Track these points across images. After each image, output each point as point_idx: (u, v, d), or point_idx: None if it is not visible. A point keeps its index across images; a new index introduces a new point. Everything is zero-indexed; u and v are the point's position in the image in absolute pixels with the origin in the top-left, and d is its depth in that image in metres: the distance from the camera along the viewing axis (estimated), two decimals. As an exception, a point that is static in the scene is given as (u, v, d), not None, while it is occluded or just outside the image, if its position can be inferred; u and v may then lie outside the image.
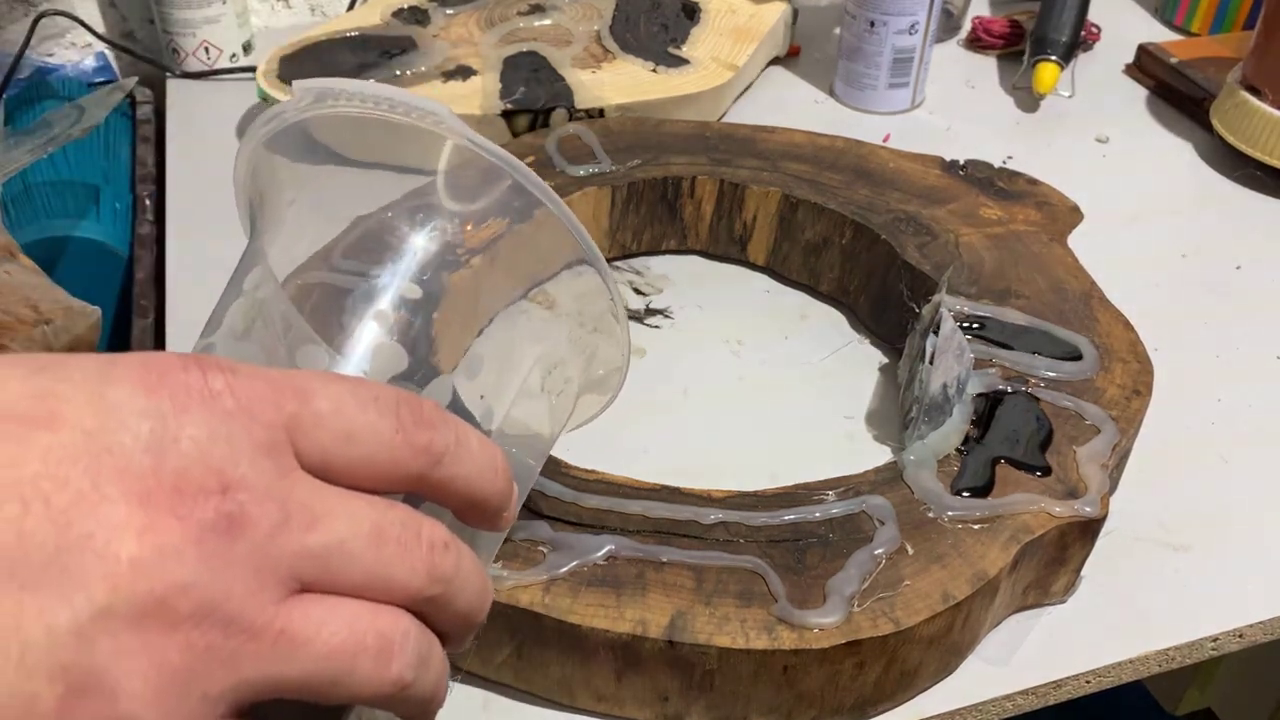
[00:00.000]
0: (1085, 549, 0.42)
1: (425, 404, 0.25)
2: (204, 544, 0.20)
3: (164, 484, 0.20)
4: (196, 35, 0.75)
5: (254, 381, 0.22)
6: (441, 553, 0.24)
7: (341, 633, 0.22)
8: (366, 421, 0.23)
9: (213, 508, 0.20)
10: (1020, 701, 0.41)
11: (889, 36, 0.71)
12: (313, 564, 0.22)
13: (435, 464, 0.24)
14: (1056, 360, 0.47)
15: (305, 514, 0.22)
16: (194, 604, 0.20)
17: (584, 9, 0.76)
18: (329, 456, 0.23)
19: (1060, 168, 0.65)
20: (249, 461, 0.21)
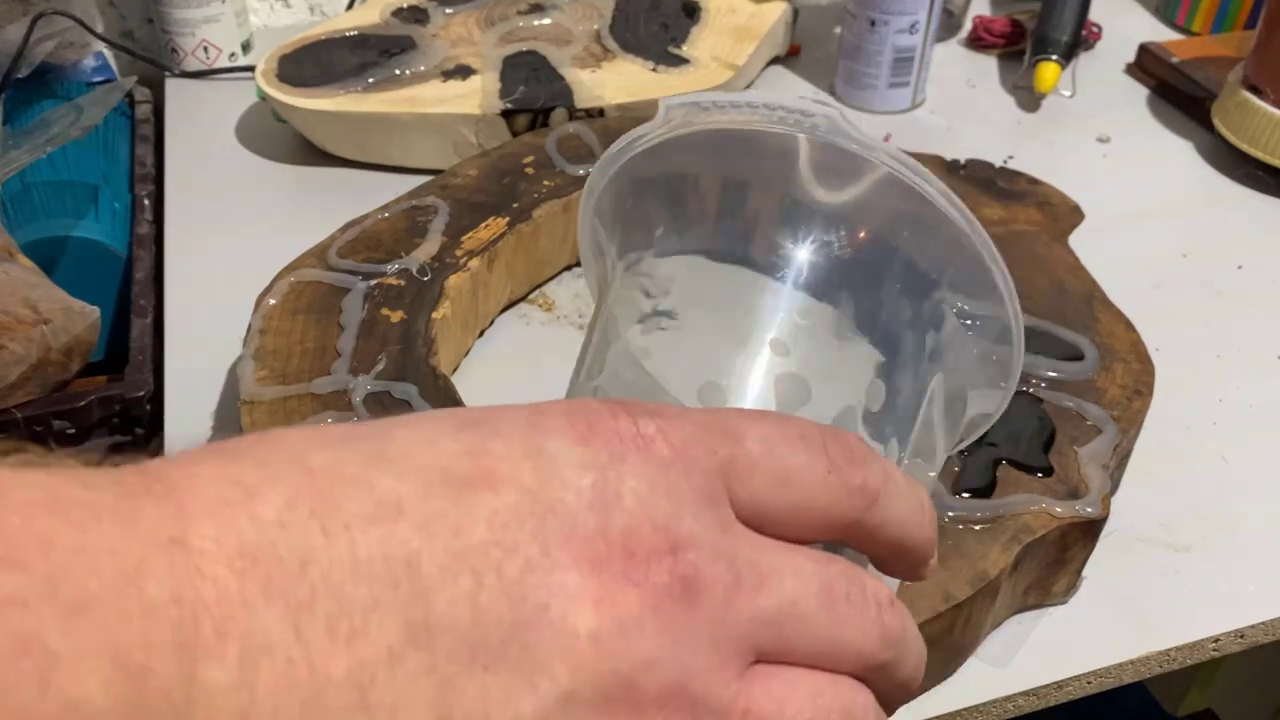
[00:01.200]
0: (1086, 549, 0.42)
1: (850, 438, 0.22)
2: (662, 613, 0.18)
3: (613, 546, 0.19)
4: (195, 34, 0.75)
5: (684, 425, 0.20)
6: (890, 611, 0.22)
7: (806, 711, 0.20)
8: (800, 463, 0.21)
9: (666, 570, 0.19)
10: (1021, 702, 0.40)
11: (889, 36, 0.71)
12: (768, 630, 0.20)
13: (870, 506, 0.22)
14: (1058, 360, 0.47)
15: (754, 573, 0.20)
16: (660, 684, 0.18)
17: (584, 9, 0.76)
18: (764, 503, 0.21)
19: (1061, 168, 0.65)
20: (693, 515, 0.19)
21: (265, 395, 0.44)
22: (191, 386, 0.52)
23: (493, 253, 0.53)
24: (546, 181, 0.58)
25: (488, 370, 0.54)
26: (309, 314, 0.49)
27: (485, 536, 0.18)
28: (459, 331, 0.52)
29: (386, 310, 0.49)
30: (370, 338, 0.47)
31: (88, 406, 0.52)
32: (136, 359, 0.55)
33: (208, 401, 0.51)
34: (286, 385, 0.45)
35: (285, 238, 0.55)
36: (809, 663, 0.20)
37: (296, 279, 0.51)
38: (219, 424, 0.50)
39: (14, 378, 0.52)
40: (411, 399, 0.44)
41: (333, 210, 0.57)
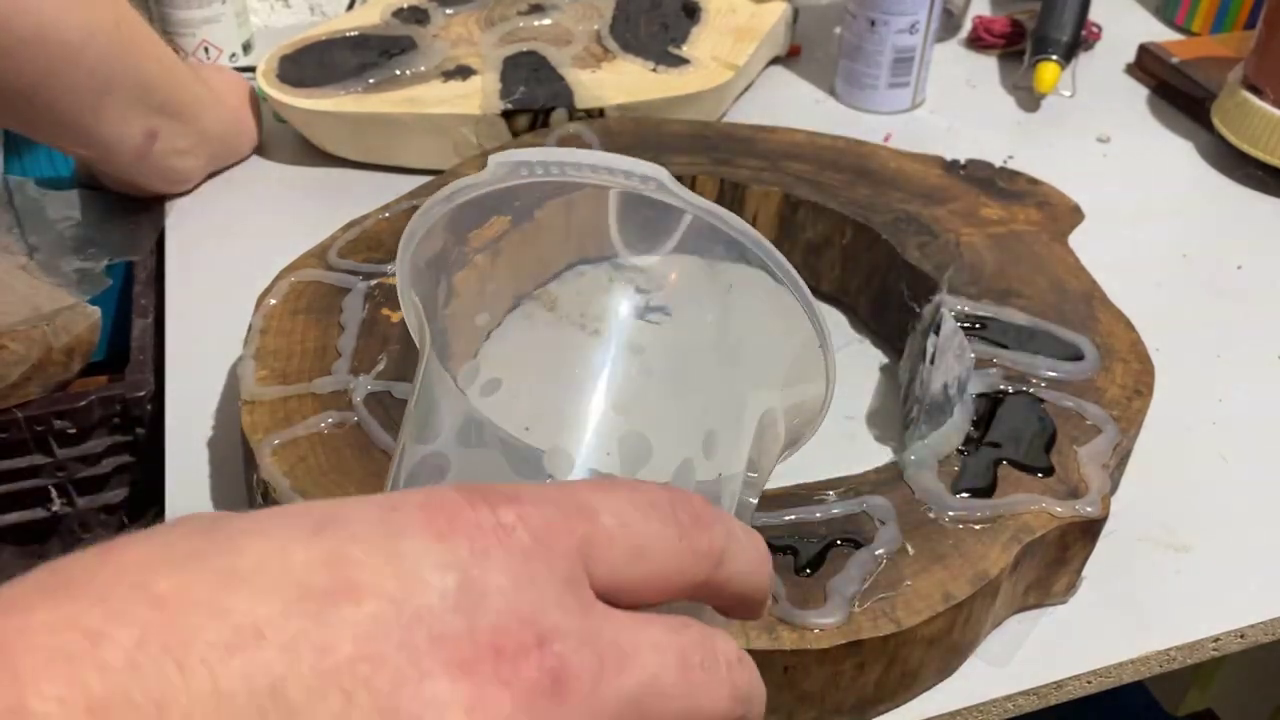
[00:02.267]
0: (1086, 549, 0.42)
1: (695, 500, 0.23)
2: (535, 710, 0.19)
3: (481, 647, 0.19)
4: (196, 35, 0.75)
5: (542, 508, 0.20)
6: (738, 669, 0.23)
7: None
8: (652, 532, 0.22)
9: (535, 666, 0.19)
10: (1021, 702, 0.40)
11: (889, 36, 0.71)
12: (631, 709, 0.20)
13: (716, 567, 0.23)
14: (1057, 360, 0.47)
15: (616, 655, 0.20)
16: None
17: (584, 9, 0.76)
18: (620, 577, 0.21)
19: (1061, 167, 0.65)
20: (555, 602, 0.20)
21: (266, 395, 0.44)
22: (192, 386, 0.52)
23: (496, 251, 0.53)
24: (547, 181, 0.58)
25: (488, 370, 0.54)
26: (309, 314, 0.49)
27: (351, 652, 0.18)
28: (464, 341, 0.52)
29: (387, 310, 0.49)
30: (371, 338, 0.47)
31: (88, 406, 0.52)
32: (137, 359, 0.55)
33: (208, 401, 0.51)
34: (287, 385, 0.45)
35: (286, 238, 0.55)
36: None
37: (297, 279, 0.51)
38: (220, 423, 0.50)
39: (15, 378, 0.52)
40: (412, 399, 0.44)
41: (333, 210, 0.57)
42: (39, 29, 0.50)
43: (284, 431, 0.43)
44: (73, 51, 0.52)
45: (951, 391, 0.45)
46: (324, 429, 0.43)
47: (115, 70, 0.55)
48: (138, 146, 0.59)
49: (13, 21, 0.49)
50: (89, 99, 0.55)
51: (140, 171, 0.62)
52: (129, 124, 0.58)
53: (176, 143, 0.62)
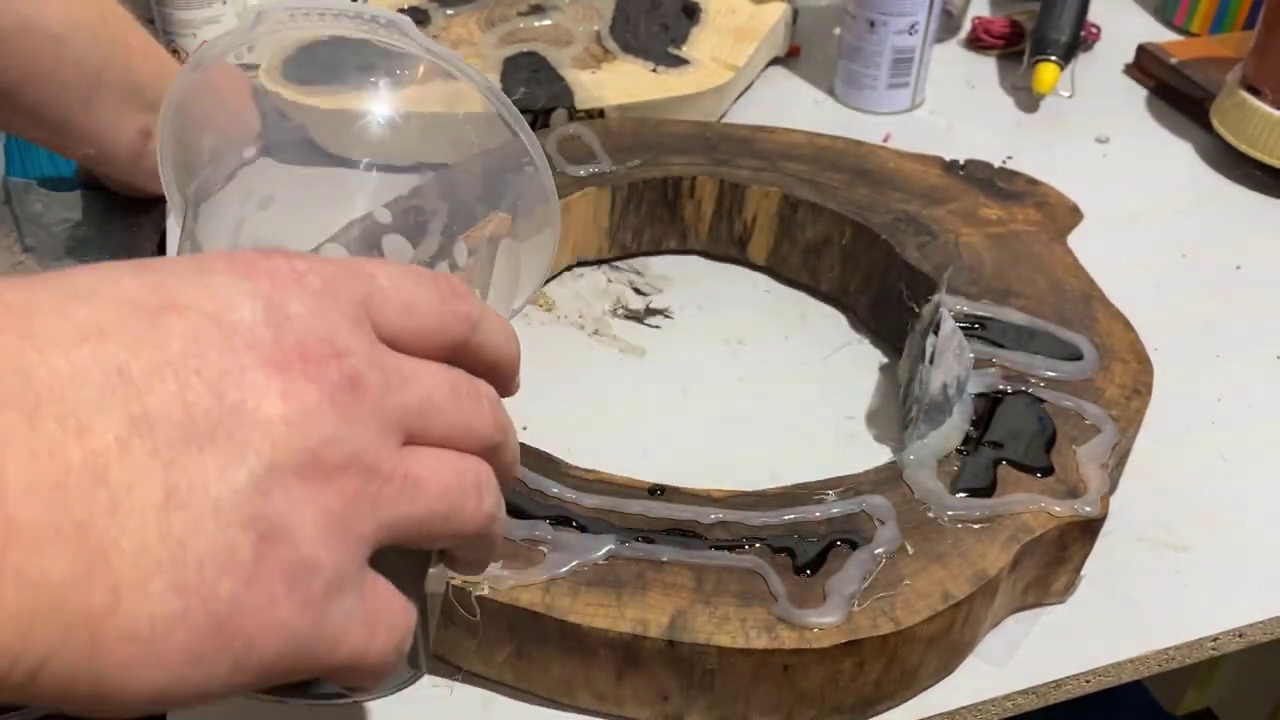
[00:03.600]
0: (1085, 549, 0.42)
1: (452, 278, 0.27)
2: (337, 402, 0.22)
3: (289, 353, 0.22)
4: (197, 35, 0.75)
5: (327, 265, 0.24)
6: (497, 406, 0.27)
7: (449, 475, 0.25)
8: (420, 294, 0.26)
9: (335, 370, 0.23)
10: (1020, 701, 0.41)
11: (889, 36, 0.71)
12: (413, 418, 0.24)
13: (473, 330, 0.27)
14: (1056, 360, 0.47)
15: (399, 376, 0.24)
16: (341, 455, 0.22)
17: (584, 9, 0.76)
18: (395, 328, 0.25)
19: (1060, 168, 0.65)
20: (346, 332, 0.24)
21: (267, 395, 0.45)
22: (193, 386, 0.52)
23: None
24: (547, 182, 0.58)
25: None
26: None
27: (180, 349, 0.21)
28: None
29: (387, 310, 0.49)
30: (371, 338, 0.47)
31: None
32: (138, 359, 0.55)
33: (209, 401, 0.51)
34: (288, 385, 0.45)
35: (286, 238, 0.55)
36: (444, 444, 0.25)
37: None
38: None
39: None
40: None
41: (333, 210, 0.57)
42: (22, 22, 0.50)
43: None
44: (57, 45, 0.52)
45: (951, 391, 0.46)
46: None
47: (104, 66, 0.55)
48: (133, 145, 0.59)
49: None
50: (78, 96, 0.55)
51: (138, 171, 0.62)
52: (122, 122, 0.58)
53: None
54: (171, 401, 0.20)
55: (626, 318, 0.58)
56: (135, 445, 0.20)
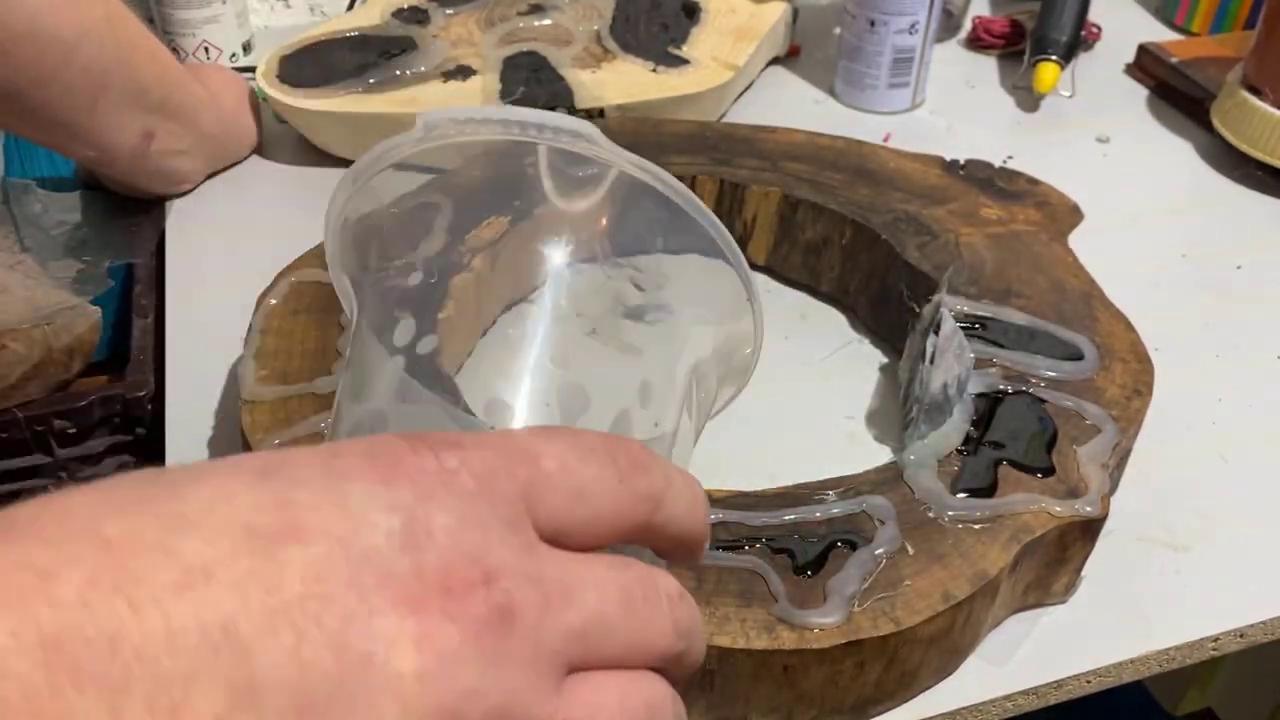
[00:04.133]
0: (1086, 549, 0.42)
1: (634, 446, 0.23)
2: (482, 643, 0.19)
3: (429, 584, 0.19)
4: (196, 35, 0.75)
5: (484, 452, 0.21)
6: (680, 604, 0.23)
7: (616, 711, 0.21)
8: (592, 476, 0.22)
9: (482, 601, 0.19)
10: (1021, 701, 0.41)
11: (889, 36, 0.71)
12: (577, 644, 0.21)
13: (656, 510, 0.23)
14: (1057, 360, 0.47)
15: (561, 592, 0.21)
16: (484, 711, 0.19)
17: (584, 9, 0.76)
18: (562, 520, 0.22)
19: (1060, 168, 0.65)
20: (500, 542, 0.20)
21: (266, 395, 0.44)
22: (193, 386, 0.52)
23: (494, 252, 0.54)
24: (547, 182, 0.58)
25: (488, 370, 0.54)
26: (310, 314, 0.49)
27: (300, 591, 0.18)
28: (462, 331, 0.53)
29: (387, 310, 0.49)
30: (371, 338, 0.47)
31: (89, 406, 0.52)
32: (138, 359, 0.55)
33: (209, 401, 0.51)
34: (287, 385, 0.45)
35: (286, 238, 0.55)
36: (614, 665, 0.21)
37: (297, 279, 0.51)
38: (220, 424, 0.50)
39: (15, 378, 0.52)
40: (412, 399, 0.45)
41: (333, 210, 0.57)
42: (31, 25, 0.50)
43: (284, 431, 0.43)
44: (66, 49, 0.52)
45: (951, 391, 0.45)
46: (324, 429, 0.43)
47: (110, 69, 0.55)
48: (135, 147, 0.59)
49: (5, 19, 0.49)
50: (84, 99, 0.55)
51: (138, 172, 0.62)
52: (125, 124, 0.58)
53: (174, 143, 0.62)
54: (285, 663, 0.17)
55: (626, 316, 0.57)
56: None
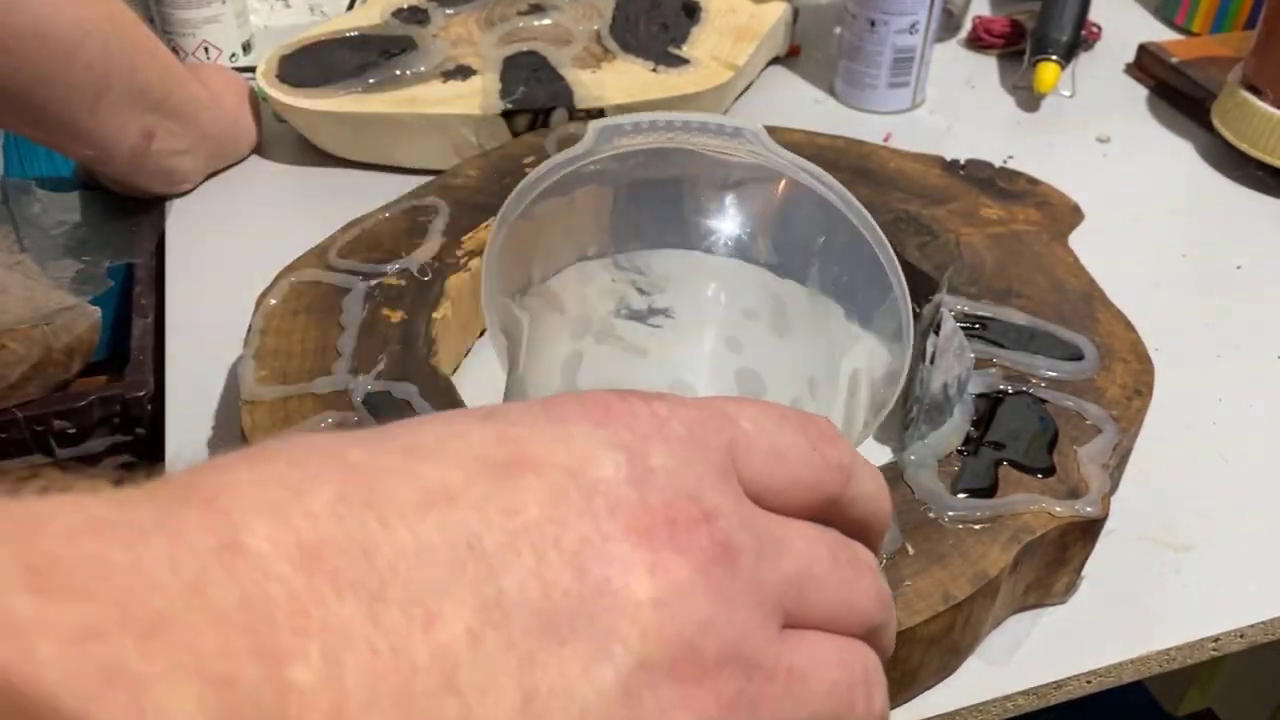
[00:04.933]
0: (1086, 549, 0.42)
1: (822, 421, 0.24)
2: (710, 576, 0.19)
3: (655, 516, 0.19)
4: (196, 35, 0.75)
5: (688, 407, 0.21)
6: (880, 576, 0.23)
7: (835, 667, 0.21)
8: (788, 441, 0.22)
9: (706, 536, 0.19)
10: (1021, 702, 0.41)
11: (889, 36, 0.71)
12: (793, 592, 0.21)
13: (847, 481, 0.23)
14: (1057, 360, 0.47)
15: (772, 540, 0.21)
16: (718, 645, 0.19)
17: (584, 9, 0.76)
18: (763, 479, 0.22)
19: (1061, 167, 0.65)
20: (714, 487, 0.20)
21: (266, 395, 0.44)
22: (192, 386, 0.52)
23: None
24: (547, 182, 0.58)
25: (488, 370, 0.54)
26: (310, 314, 0.49)
27: (538, 515, 0.18)
28: (459, 331, 0.53)
29: (387, 310, 0.49)
30: (371, 338, 0.47)
31: (88, 406, 0.52)
32: (137, 359, 0.55)
33: (209, 401, 0.51)
34: (287, 385, 0.45)
35: (286, 238, 0.55)
36: (824, 624, 0.21)
37: (297, 279, 0.51)
38: (220, 424, 0.50)
39: (15, 378, 0.52)
40: (412, 399, 0.45)
41: (333, 210, 0.57)
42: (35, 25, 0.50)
43: (284, 432, 0.43)
44: (69, 48, 0.52)
45: (951, 391, 0.45)
46: (324, 429, 0.43)
47: (112, 68, 0.55)
48: (135, 146, 0.59)
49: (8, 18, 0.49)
50: (86, 98, 0.55)
51: (139, 172, 0.62)
52: (125, 124, 0.58)
53: (174, 143, 0.62)
54: (528, 581, 0.18)
55: (629, 318, 0.57)
56: (489, 638, 0.17)
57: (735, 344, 0.30)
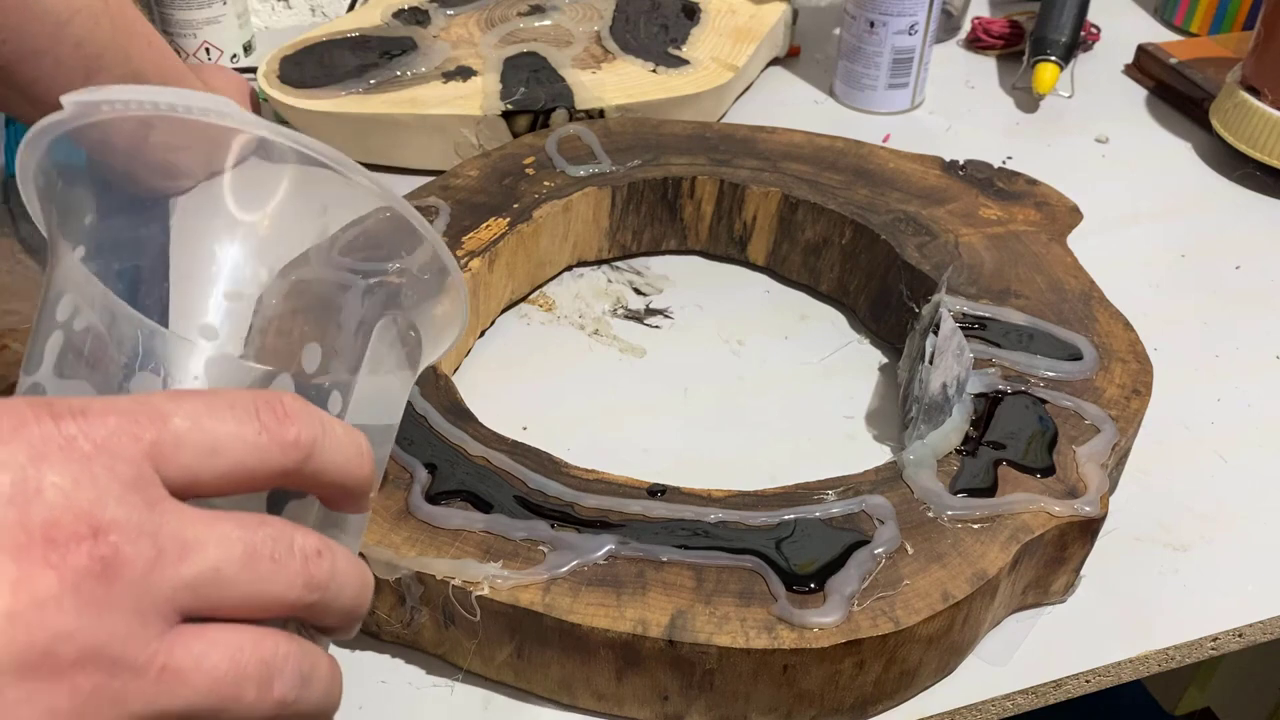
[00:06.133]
0: (1085, 548, 0.42)
1: (285, 398, 0.25)
2: (81, 591, 0.20)
3: (34, 535, 0.20)
4: (197, 36, 0.75)
5: (107, 418, 0.22)
6: (315, 561, 0.24)
7: (223, 664, 0.22)
8: (227, 431, 0.23)
9: (85, 553, 0.21)
10: (1020, 701, 0.41)
11: (889, 37, 0.71)
12: (190, 595, 0.22)
13: (307, 458, 0.24)
14: (1056, 360, 0.47)
15: (177, 545, 0.22)
16: (77, 650, 0.20)
17: (584, 9, 0.76)
18: (195, 475, 0.23)
19: (1060, 168, 0.65)
20: (116, 500, 0.21)
21: (267, 395, 0.44)
22: (193, 386, 0.52)
23: (493, 253, 0.54)
24: (547, 182, 0.58)
25: (488, 370, 0.54)
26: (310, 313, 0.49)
27: None
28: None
29: (388, 310, 0.49)
30: (371, 338, 0.47)
31: (90, 406, 0.52)
32: (138, 359, 0.55)
33: (209, 401, 0.51)
34: (288, 385, 0.45)
35: (286, 238, 0.55)
36: (235, 617, 0.23)
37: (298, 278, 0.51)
38: (221, 424, 0.50)
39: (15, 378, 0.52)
40: (412, 398, 0.45)
41: (334, 211, 0.57)
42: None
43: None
44: (58, 23, 0.52)
45: (950, 391, 0.46)
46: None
47: (104, 50, 0.55)
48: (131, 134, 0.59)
49: None
50: (77, 76, 0.54)
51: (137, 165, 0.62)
52: None
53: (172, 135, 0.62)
54: None
55: (626, 318, 0.58)
56: None
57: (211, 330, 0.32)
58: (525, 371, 0.54)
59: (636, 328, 0.57)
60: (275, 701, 0.23)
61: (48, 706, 0.20)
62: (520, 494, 0.41)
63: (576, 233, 0.59)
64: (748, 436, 0.50)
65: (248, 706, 0.23)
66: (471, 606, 0.37)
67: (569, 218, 0.58)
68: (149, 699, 0.21)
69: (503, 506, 0.40)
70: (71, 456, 0.21)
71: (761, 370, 0.54)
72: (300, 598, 0.24)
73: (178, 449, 0.23)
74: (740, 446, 0.50)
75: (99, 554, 0.21)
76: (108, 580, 0.21)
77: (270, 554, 0.23)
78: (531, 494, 0.41)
